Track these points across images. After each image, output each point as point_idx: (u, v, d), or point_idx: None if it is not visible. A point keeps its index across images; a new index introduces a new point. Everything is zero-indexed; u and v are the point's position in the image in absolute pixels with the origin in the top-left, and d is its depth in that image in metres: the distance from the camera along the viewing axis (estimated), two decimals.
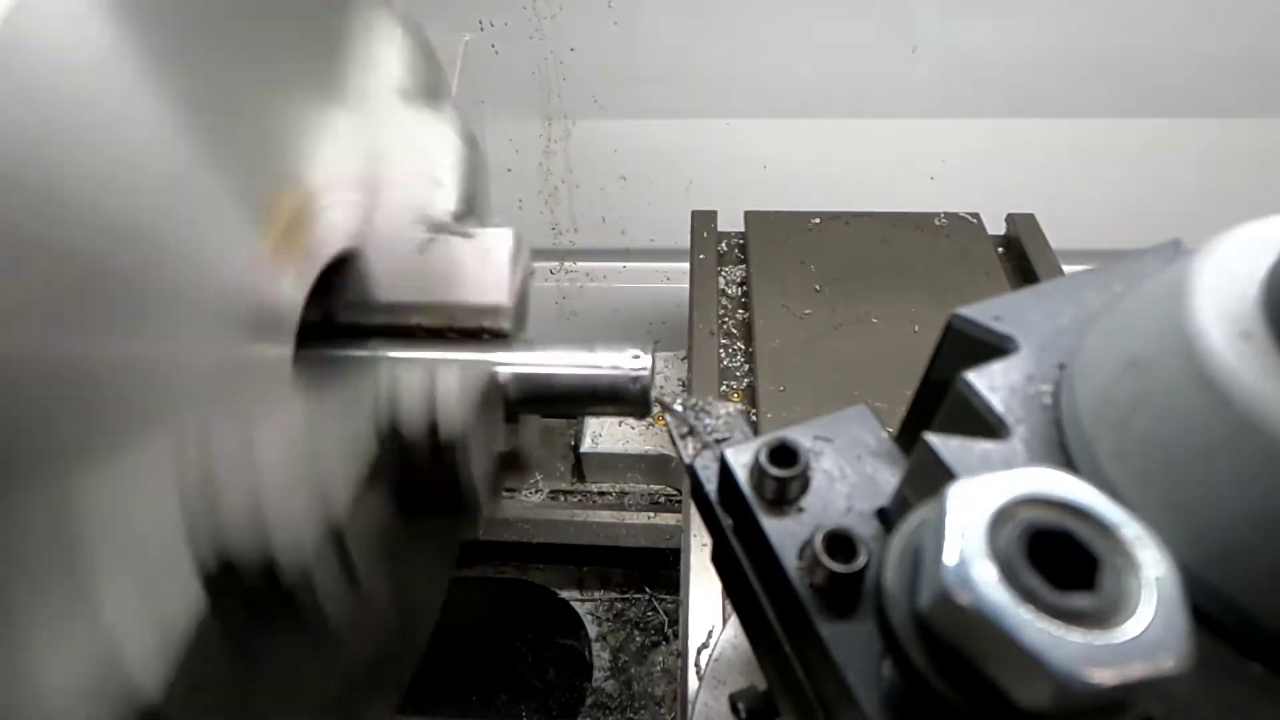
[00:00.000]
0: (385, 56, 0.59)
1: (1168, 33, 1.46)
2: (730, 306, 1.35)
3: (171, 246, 0.38)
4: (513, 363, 0.58)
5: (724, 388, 1.21)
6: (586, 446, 1.86)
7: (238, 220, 0.43)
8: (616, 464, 1.89)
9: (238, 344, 0.44)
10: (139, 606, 0.36)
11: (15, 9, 0.30)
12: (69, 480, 0.33)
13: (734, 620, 0.77)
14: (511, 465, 0.63)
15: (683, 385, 1.27)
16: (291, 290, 0.48)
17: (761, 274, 1.36)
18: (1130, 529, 0.24)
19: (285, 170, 0.48)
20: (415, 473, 0.52)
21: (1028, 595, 0.22)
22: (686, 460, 0.46)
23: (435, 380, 0.51)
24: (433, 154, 0.60)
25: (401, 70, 0.60)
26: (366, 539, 0.49)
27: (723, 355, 1.26)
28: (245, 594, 0.42)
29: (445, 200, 0.60)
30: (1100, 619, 0.22)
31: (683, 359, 1.31)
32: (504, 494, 0.62)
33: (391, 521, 0.54)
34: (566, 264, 1.92)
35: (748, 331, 1.28)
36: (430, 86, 0.64)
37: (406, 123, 0.60)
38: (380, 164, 0.57)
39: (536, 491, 1.94)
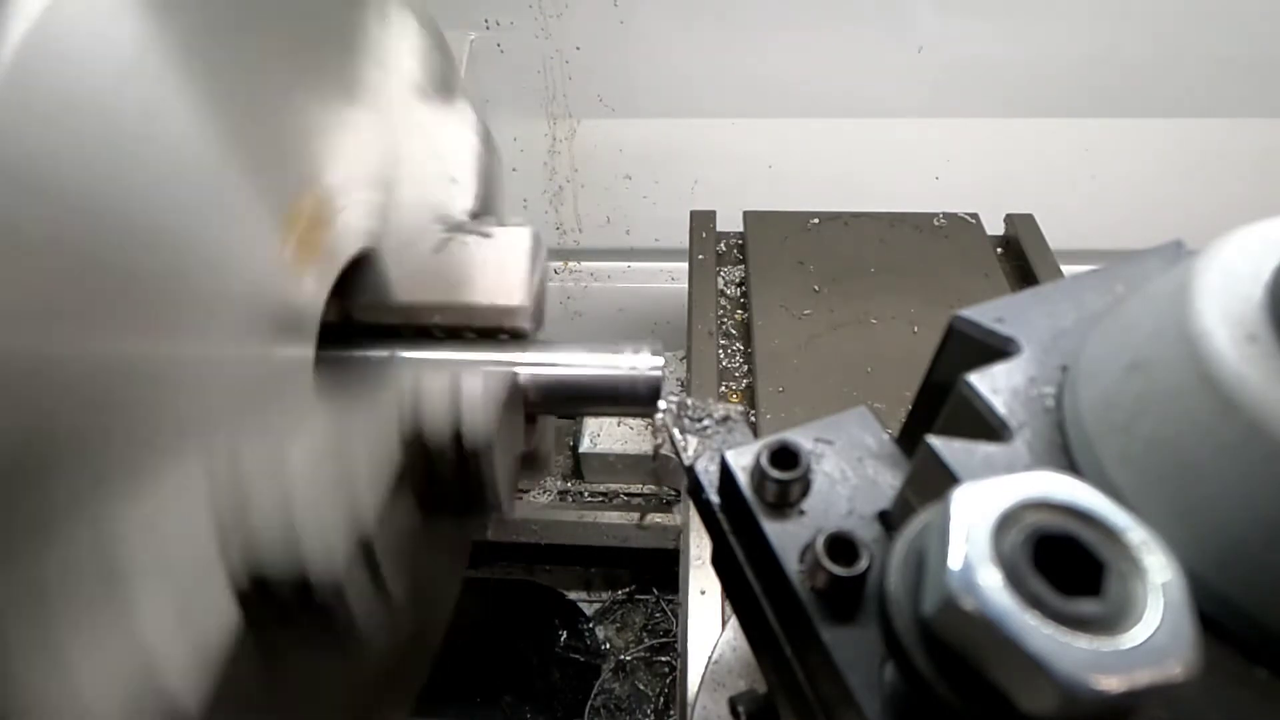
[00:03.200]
0: (400, 51, 0.58)
1: (1169, 33, 1.45)
2: (729, 307, 1.35)
3: (196, 248, 0.38)
4: (532, 362, 0.57)
5: (723, 388, 1.21)
6: (585, 447, 1.86)
7: (260, 221, 0.43)
8: (615, 464, 1.88)
9: (262, 346, 0.43)
10: (175, 624, 0.36)
11: (48, 9, 0.30)
12: (107, 502, 0.33)
13: (733, 623, 0.77)
14: (529, 465, 0.62)
15: (682, 386, 1.27)
16: (312, 291, 0.48)
17: (760, 274, 1.35)
18: (1136, 534, 0.24)
19: (304, 170, 0.47)
20: (438, 476, 0.52)
21: (1033, 601, 0.22)
22: (686, 462, 0.46)
23: (459, 386, 0.50)
24: (449, 151, 0.59)
25: (416, 65, 0.59)
26: (392, 545, 0.48)
27: (721, 356, 1.26)
28: (278, 608, 0.42)
29: (462, 198, 0.59)
30: (1106, 625, 0.22)
31: (682, 359, 1.30)
32: (517, 494, 0.61)
33: (413, 525, 0.54)
34: (571, 264, 1.92)
35: (746, 332, 1.28)
36: (444, 81, 0.63)
37: (422, 119, 0.59)
38: (396, 162, 0.56)
39: (545, 492, 1.94)
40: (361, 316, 0.57)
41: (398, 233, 0.56)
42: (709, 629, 0.92)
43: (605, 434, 1.87)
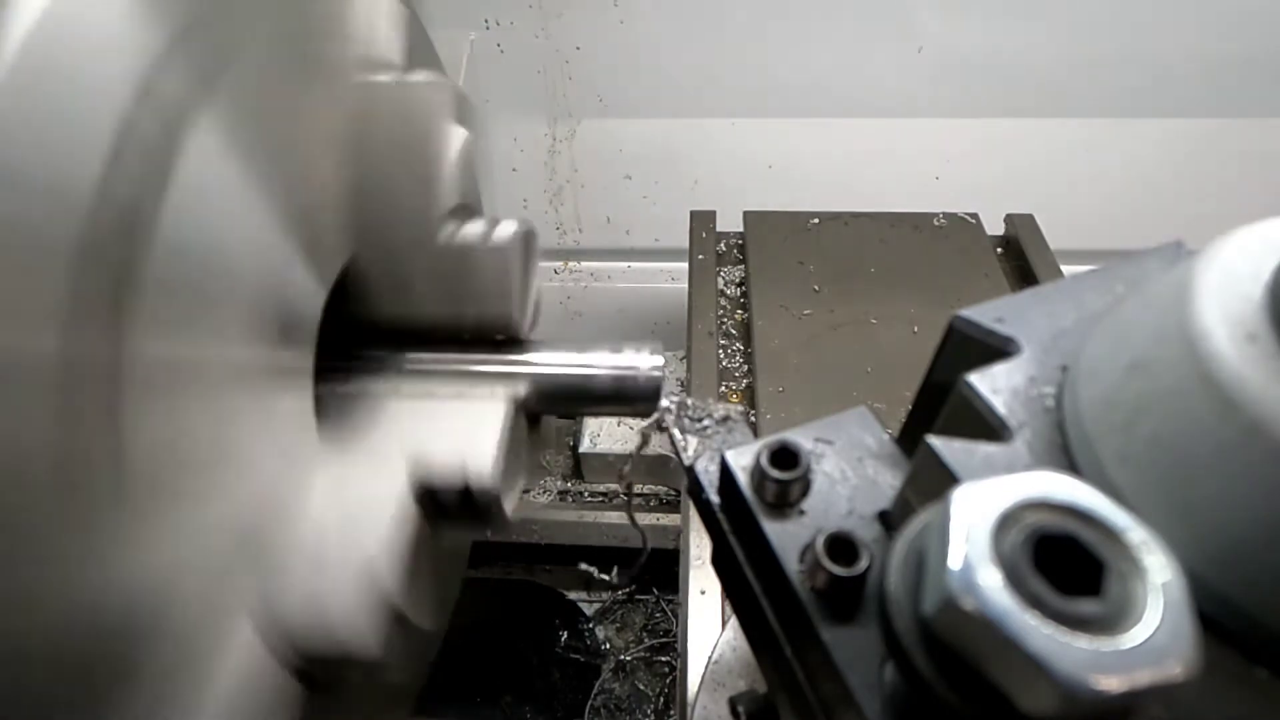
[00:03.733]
0: (363, 24, 0.55)
1: (1168, 33, 1.45)
2: (729, 307, 1.35)
3: (199, 248, 0.38)
4: (532, 363, 0.57)
5: (723, 388, 1.21)
6: (585, 447, 1.86)
7: (260, 222, 0.43)
8: (615, 464, 1.88)
9: (265, 349, 0.43)
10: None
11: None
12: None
13: (733, 622, 0.77)
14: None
15: (682, 386, 1.27)
16: (312, 293, 0.48)
17: (760, 274, 1.35)
18: (1136, 534, 0.24)
19: (296, 167, 0.47)
20: (446, 511, 0.53)
21: (1033, 601, 0.22)
22: (686, 462, 0.46)
23: (467, 445, 0.51)
24: (423, 134, 0.56)
25: (380, 36, 0.56)
26: (412, 590, 0.49)
27: (721, 356, 1.26)
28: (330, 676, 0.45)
29: (444, 194, 0.57)
30: (1106, 625, 0.22)
31: (682, 359, 1.30)
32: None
33: (420, 543, 0.54)
34: (571, 264, 1.92)
35: (746, 332, 1.28)
36: (416, 53, 0.60)
37: (391, 98, 0.55)
38: (369, 153, 0.54)
39: (545, 492, 1.93)
40: (356, 321, 0.56)
41: (378, 238, 0.54)
42: (709, 629, 0.92)
43: (605, 434, 1.87)
